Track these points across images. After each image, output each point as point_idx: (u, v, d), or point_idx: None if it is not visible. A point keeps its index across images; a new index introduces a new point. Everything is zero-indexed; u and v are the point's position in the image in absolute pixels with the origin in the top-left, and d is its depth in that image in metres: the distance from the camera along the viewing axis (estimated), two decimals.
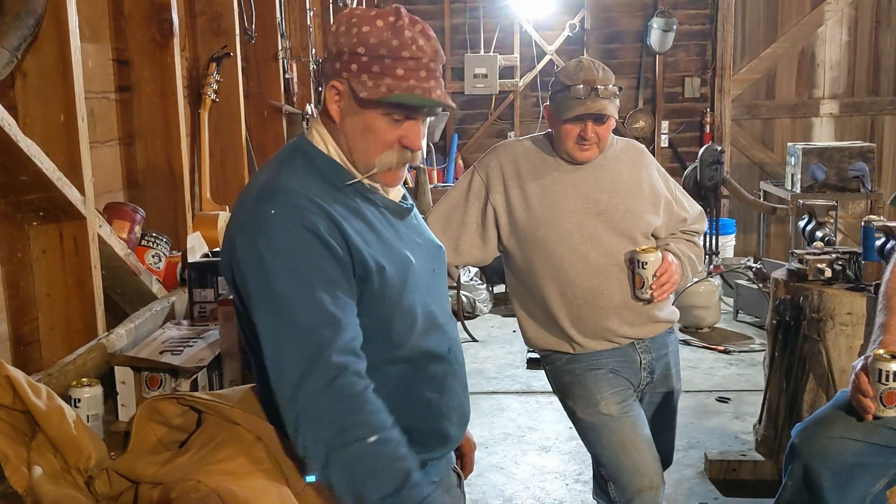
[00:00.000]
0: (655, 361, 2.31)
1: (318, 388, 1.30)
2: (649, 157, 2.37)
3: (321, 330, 1.32)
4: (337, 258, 1.36)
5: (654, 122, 7.34)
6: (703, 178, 6.09)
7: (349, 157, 1.47)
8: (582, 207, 2.17)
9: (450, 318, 1.61)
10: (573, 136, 2.14)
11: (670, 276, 2.17)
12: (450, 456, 1.60)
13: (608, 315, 2.17)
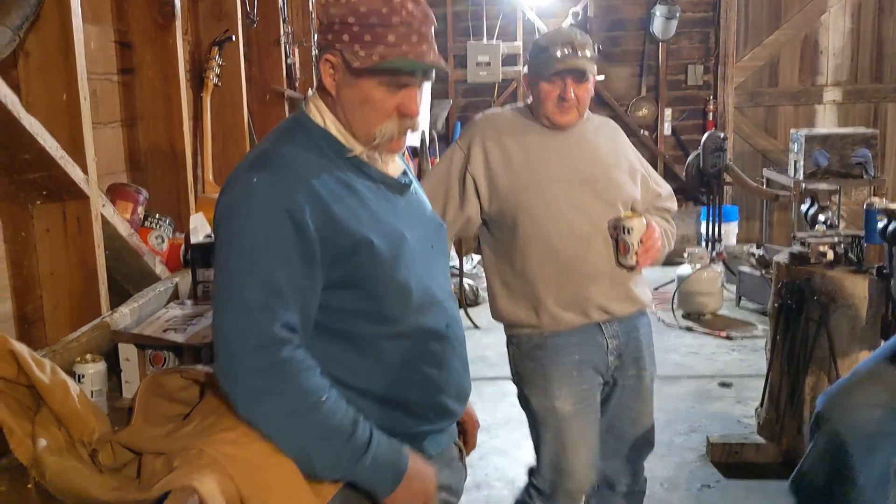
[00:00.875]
0: (624, 346, 2.28)
1: (259, 365, 1.32)
2: (623, 134, 2.39)
3: (269, 304, 1.33)
4: (304, 240, 1.36)
5: (657, 109, 7.33)
6: (706, 165, 6.09)
7: (348, 129, 1.47)
8: (566, 175, 2.17)
9: (449, 294, 1.61)
10: (553, 96, 2.13)
11: (654, 242, 2.17)
12: (451, 429, 1.60)
13: (588, 284, 2.17)
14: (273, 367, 1.32)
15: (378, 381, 1.46)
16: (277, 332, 1.33)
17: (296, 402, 1.34)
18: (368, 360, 1.46)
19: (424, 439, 1.52)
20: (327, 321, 1.43)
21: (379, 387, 1.46)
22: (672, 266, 6.64)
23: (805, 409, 3.28)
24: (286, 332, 1.34)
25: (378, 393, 1.45)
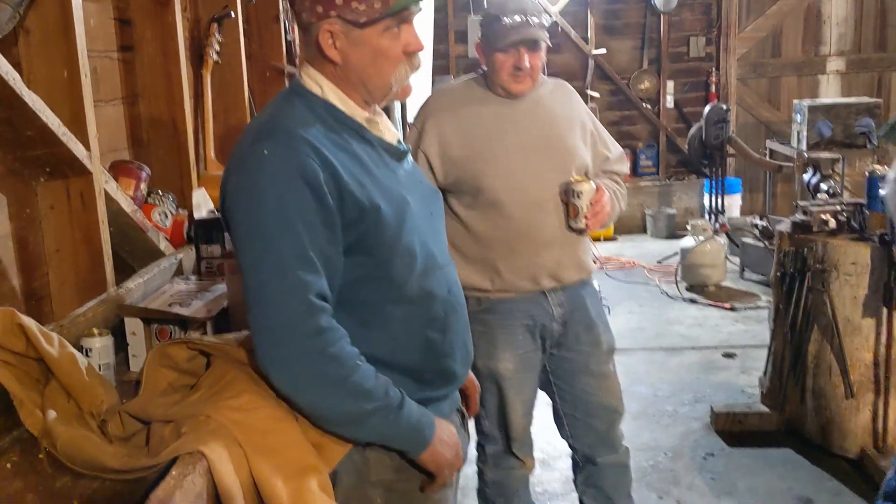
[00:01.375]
0: (569, 313, 2.31)
1: (308, 330, 1.33)
2: (577, 96, 2.40)
3: (301, 273, 1.34)
4: (324, 206, 1.37)
5: (659, 82, 7.29)
6: (709, 137, 6.07)
7: (365, 88, 1.48)
8: (521, 142, 2.19)
9: (449, 260, 1.63)
10: (507, 66, 2.14)
11: (603, 205, 2.20)
12: (454, 396, 1.62)
13: (541, 250, 2.20)
14: (319, 334, 1.33)
15: (384, 347, 1.48)
16: (315, 302, 1.34)
17: (339, 368, 1.35)
18: (375, 327, 1.47)
19: (429, 406, 1.53)
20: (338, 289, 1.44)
21: (385, 353, 1.47)
22: (675, 239, 6.65)
23: (808, 377, 3.30)
24: (322, 301, 1.36)
25: (385, 359, 1.46)
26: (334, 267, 1.40)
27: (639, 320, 5.18)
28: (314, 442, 1.39)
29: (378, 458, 1.49)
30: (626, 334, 4.92)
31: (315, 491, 1.30)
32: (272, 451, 1.31)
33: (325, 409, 1.38)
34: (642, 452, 3.45)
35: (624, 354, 4.62)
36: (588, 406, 2.40)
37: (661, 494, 3.12)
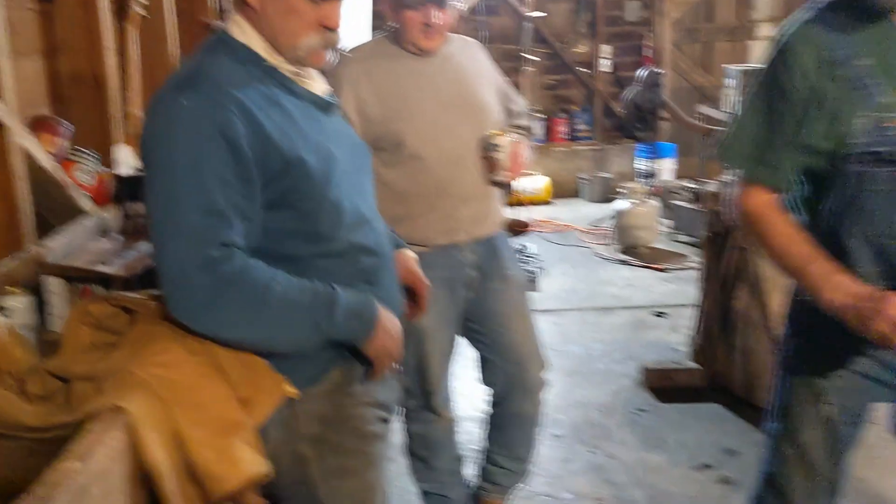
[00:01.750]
0: (483, 261, 2.34)
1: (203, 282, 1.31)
2: (484, 52, 2.41)
3: (208, 227, 1.32)
4: (242, 159, 1.35)
5: (594, 46, 7.33)
6: (643, 101, 6.15)
7: (273, 42, 1.45)
8: (436, 98, 2.20)
9: (376, 214, 1.62)
10: (417, 22, 2.14)
11: (522, 157, 2.25)
12: None
13: (460, 205, 2.22)
14: (218, 282, 1.32)
15: None
16: (217, 253, 1.32)
17: (249, 299, 1.34)
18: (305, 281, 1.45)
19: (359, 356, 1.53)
20: (263, 243, 1.42)
21: None
22: (610, 202, 6.75)
23: (736, 334, 3.40)
24: (226, 251, 1.34)
25: None
26: (251, 220, 1.38)
27: (573, 282, 5.25)
28: (243, 397, 1.37)
29: (307, 410, 1.48)
30: (560, 295, 4.99)
31: (241, 446, 1.29)
32: (197, 407, 1.29)
33: (257, 335, 1.37)
34: (575, 409, 3.52)
35: (558, 315, 4.69)
36: (501, 346, 2.42)
37: (593, 449, 3.19)
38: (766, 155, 1.60)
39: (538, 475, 3.01)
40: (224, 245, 1.33)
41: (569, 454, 3.17)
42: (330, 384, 1.51)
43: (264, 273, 1.37)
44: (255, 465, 1.30)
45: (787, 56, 1.55)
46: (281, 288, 1.37)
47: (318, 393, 1.49)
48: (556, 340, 4.33)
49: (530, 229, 6.49)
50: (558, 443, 3.26)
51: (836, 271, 1.53)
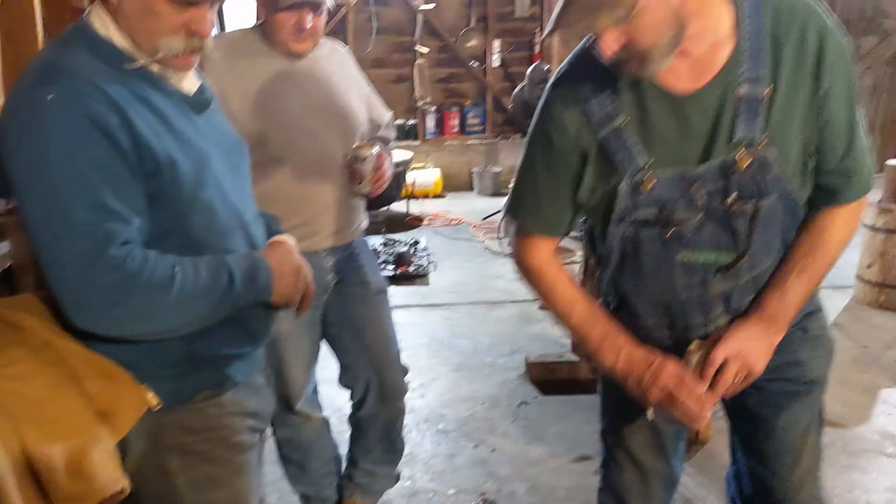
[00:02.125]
0: (342, 265, 2.34)
1: (105, 281, 1.26)
2: (353, 59, 2.41)
3: (103, 226, 1.26)
4: (121, 151, 1.29)
5: (485, 41, 7.40)
6: (532, 97, 6.25)
7: (133, 40, 1.38)
8: (302, 102, 2.17)
9: (254, 218, 1.58)
10: (289, 25, 2.10)
11: (386, 171, 2.26)
12: (257, 355, 1.59)
13: (322, 212, 2.21)
14: (123, 281, 1.27)
15: None
16: (118, 252, 1.27)
17: (155, 294, 1.31)
18: None
19: (231, 365, 1.50)
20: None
21: None
22: (501, 196, 6.85)
23: None
24: (126, 248, 1.29)
25: None
26: (144, 218, 1.33)
27: (463, 275, 5.31)
28: (102, 409, 1.32)
29: (173, 421, 1.44)
30: (450, 289, 5.04)
31: (98, 462, 1.24)
32: (49, 422, 1.23)
33: (162, 326, 1.35)
34: (461, 403, 3.57)
35: (448, 309, 4.73)
36: (359, 352, 2.42)
37: (478, 443, 3.24)
38: (543, 209, 1.59)
39: (423, 471, 3.04)
40: (124, 243, 1.28)
41: (454, 449, 3.21)
42: (198, 397, 1.47)
43: (165, 264, 1.33)
44: (111, 482, 1.26)
45: (553, 109, 1.52)
46: (182, 276, 1.34)
47: (184, 404, 1.45)
48: (445, 335, 4.37)
49: (422, 223, 6.53)
50: (444, 438, 3.29)
51: (617, 334, 1.56)
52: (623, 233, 1.53)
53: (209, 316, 1.39)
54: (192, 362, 1.43)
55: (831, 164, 1.49)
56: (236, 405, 1.51)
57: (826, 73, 1.41)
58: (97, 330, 1.29)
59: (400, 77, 7.43)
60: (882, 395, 3.61)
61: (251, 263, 1.45)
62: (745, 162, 1.43)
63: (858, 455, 3.12)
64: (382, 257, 5.41)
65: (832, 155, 1.48)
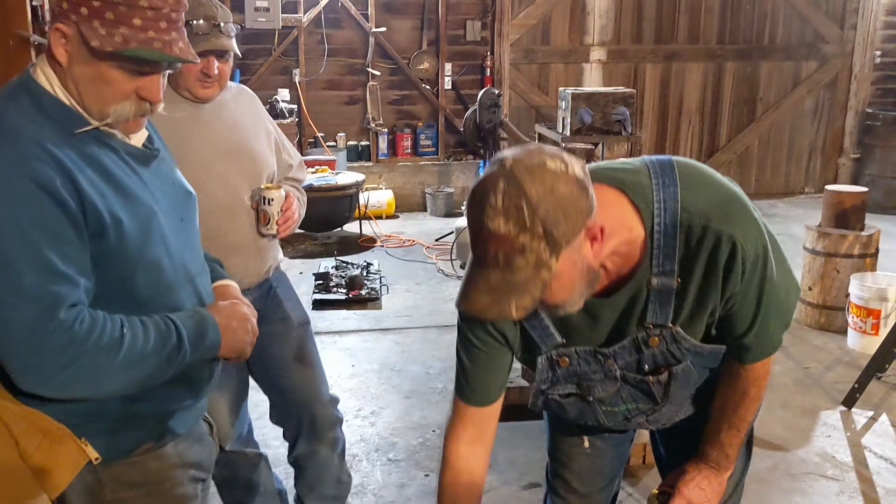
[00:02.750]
0: (260, 300, 2.33)
1: (56, 346, 1.25)
2: (260, 102, 2.42)
3: (51, 289, 1.26)
4: (68, 213, 1.28)
5: (437, 63, 7.46)
6: (482, 120, 6.31)
7: (80, 102, 1.37)
8: (209, 147, 2.17)
9: (202, 268, 1.58)
10: (195, 72, 2.11)
11: (293, 212, 2.28)
12: (199, 405, 1.58)
13: (230, 255, 2.18)
14: (71, 344, 1.27)
15: None
16: (66, 315, 1.27)
17: (103, 356, 1.31)
18: None
19: (172, 418, 1.49)
20: None
21: None
22: (454, 217, 6.89)
23: None
24: (74, 311, 1.28)
25: None
26: (90, 279, 1.33)
27: (415, 298, 5.32)
28: (37, 466, 1.31)
29: (113, 475, 1.43)
30: (402, 313, 5.04)
31: None
32: None
33: (111, 388, 1.35)
34: (412, 431, 3.57)
35: (399, 334, 4.73)
36: (285, 389, 2.41)
37: (429, 472, 3.25)
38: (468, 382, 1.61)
39: (373, 502, 3.04)
40: (72, 306, 1.28)
41: (405, 479, 3.21)
42: (138, 451, 1.46)
43: (114, 326, 1.33)
44: None
45: (468, 329, 1.59)
46: (130, 337, 1.33)
47: (124, 458, 1.44)
48: (396, 360, 4.37)
49: (375, 244, 6.53)
50: (394, 467, 3.29)
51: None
52: (547, 400, 1.67)
53: (157, 376, 1.39)
54: (131, 419, 1.42)
55: (734, 336, 1.54)
56: (177, 457, 1.50)
57: (732, 281, 1.42)
58: (45, 392, 1.29)
59: (352, 98, 7.44)
60: (822, 416, 3.71)
61: (199, 321, 1.44)
62: (656, 340, 1.50)
63: (800, 478, 3.20)
64: (335, 280, 5.39)
65: (734, 331, 1.52)
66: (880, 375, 3.90)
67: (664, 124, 7.93)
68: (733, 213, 1.40)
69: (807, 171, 8.32)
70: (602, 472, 1.90)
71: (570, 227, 1.23)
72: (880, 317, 4.29)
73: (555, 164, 1.24)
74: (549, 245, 1.23)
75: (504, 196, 1.21)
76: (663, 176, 1.41)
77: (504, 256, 1.24)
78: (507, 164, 1.23)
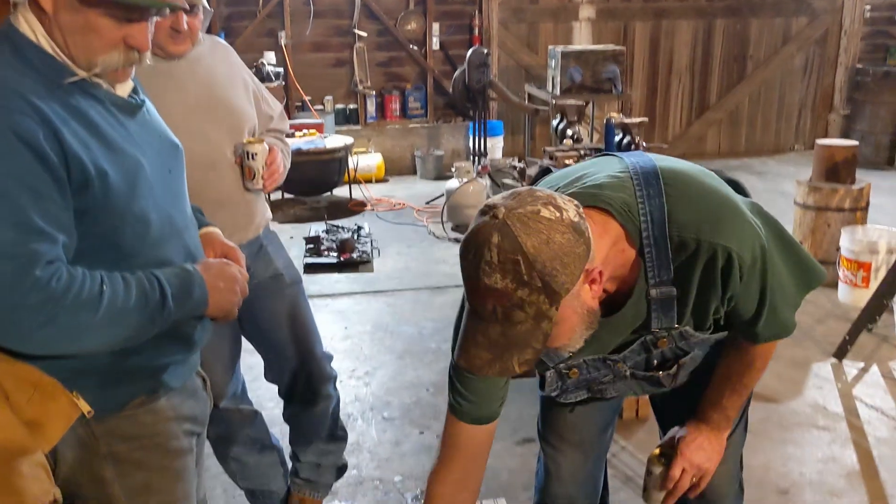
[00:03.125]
0: (249, 258, 2.24)
1: (33, 304, 1.23)
2: (235, 54, 2.37)
3: (29, 246, 1.23)
4: (49, 167, 1.25)
5: (425, 24, 7.37)
6: (471, 80, 6.25)
7: (66, 53, 1.34)
8: (185, 103, 2.13)
9: (190, 221, 1.56)
10: (165, 27, 2.05)
11: (278, 165, 2.25)
12: (192, 360, 1.57)
13: (217, 210, 2.12)
14: (49, 301, 1.25)
15: None
16: (43, 273, 1.24)
17: (83, 313, 1.28)
18: None
19: (164, 372, 1.48)
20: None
21: None
22: (444, 180, 6.86)
23: None
24: (51, 268, 1.25)
25: None
26: (72, 236, 1.30)
27: (406, 261, 5.31)
28: (29, 419, 1.29)
29: (106, 429, 1.41)
30: (393, 275, 5.04)
31: (27, 473, 1.21)
32: None
33: (92, 345, 1.33)
34: (406, 390, 3.58)
35: (392, 296, 4.73)
36: (279, 345, 2.40)
37: (423, 429, 3.26)
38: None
39: (369, 460, 3.05)
40: (49, 263, 1.25)
41: (399, 436, 3.22)
42: (131, 404, 1.45)
43: (93, 282, 1.30)
44: (42, 494, 1.23)
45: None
46: (110, 294, 1.31)
47: (117, 412, 1.43)
48: (389, 321, 4.37)
49: (365, 208, 6.50)
50: (389, 425, 3.30)
51: None
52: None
53: (142, 333, 1.37)
54: (123, 372, 1.41)
55: (742, 324, 1.53)
56: (171, 410, 1.49)
57: (731, 286, 1.41)
58: (25, 350, 1.27)
59: (339, 61, 7.35)
60: (814, 368, 3.74)
61: (185, 278, 1.43)
62: (665, 342, 1.51)
63: (792, 429, 3.23)
64: (326, 244, 5.37)
65: (742, 321, 1.52)
66: (871, 327, 3.93)
67: (654, 83, 7.88)
68: (724, 221, 1.37)
69: (797, 128, 8.30)
70: (595, 420, 1.90)
71: (568, 276, 1.21)
72: (871, 270, 4.31)
73: (549, 211, 1.20)
74: (549, 296, 1.20)
75: (499, 251, 1.18)
76: (648, 187, 1.38)
77: (503, 311, 1.21)
78: (499, 215, 1.20)
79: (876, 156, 7.59)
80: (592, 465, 1.96)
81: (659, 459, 1.71)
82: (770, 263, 1.42)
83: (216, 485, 2.87)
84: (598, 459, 1.99)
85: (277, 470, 2.57)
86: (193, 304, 1.43)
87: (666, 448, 1.72)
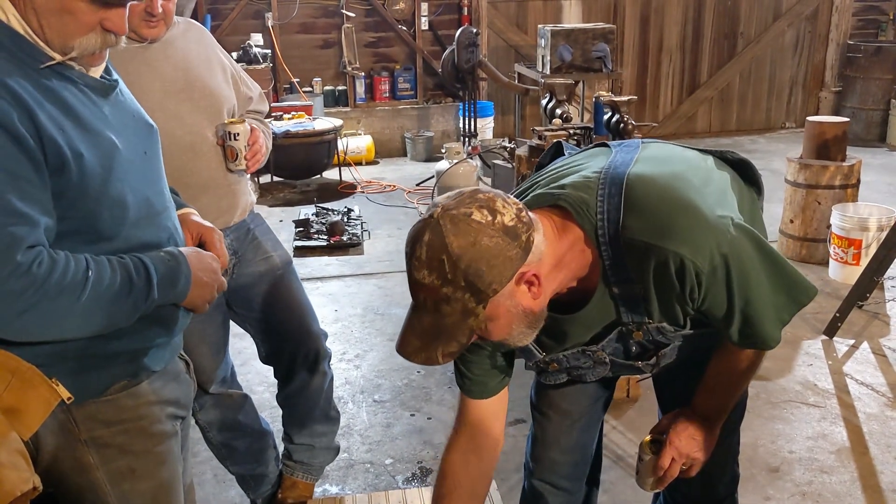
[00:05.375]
0: (237, 242, 2.30)
1: (14, 290, 1.21)
2: (211, 36, 2.34)
3: (8, 230, 1.21)
4: (26, 149, 1.23)
5: (413, 3, 7.30)
6: (461, 60, 6.21)
7: (41, 35, 1.30)
8: (160, 86, 2.11)
9: (168, 203, 1.53)
10: (138, 10, 2.02)
11: (261, 146, 2.23)
12: (175, 342, 1.55)
13: (199, 195, 2.13)
14: (31, 286, 1.22)
15: None
16: (24, 258, 1.22)
17: (65, 298, 1.26)
18: None
19: (145, 355, 1.46)
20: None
21: None
22: (434, 161, 6.82)
23: None
24: (32, 252, 1.23)
25: None
26: (53, 218, 1.28)
27: (397, 243, 5.29)
28: (7, 406, 1.27)
29: (87, 414, 1.40)
30: (384, 257, 5.02)
31: (5, 461, 1.20)
32: None
33: (75, 331, 1.31)
34: (397, 373, 3.57)
35: (382, 278, 4.72)
36: (272, 327, 2.39)
37: (414, 412, 3.26)
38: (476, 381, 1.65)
39: (360, 442, 3.05)
40: (30, 247, 1.23)
41: (390, 419, 3.22)
42: (112, 389, 1.43)
43: (77, 267, 1.28)
44: (21, 482, 1.22)
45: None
46: (95, 279, 1.29)
47: (98, 396, 1.41)
48: (380, 304, 4.36)
49: (355, 191, 6.47)
50: (380, 408, 3.30)
51: None
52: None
53: (123, 318, 1.35)
54: (103, 357, 1.39)
55: (718, 325, 1.51)
56: (153, 394, 1.47)
57: (690, 291, 1.39)
58: (6, 336, 1.25)
59: (327, 42, 7.29)
60: (804, 346, 3.74)
61: (173, 268, 1.41)
62: (640, 335, 1.52)
63: (782, 406, 3.24)
64: (315, 227, 5.34)
65: (716, 322, 1.50)
66: (861, 304, 3.93)
67: (644, 61, 7.84)
68: (676, 228, 1.36)
69: (788, 105, 8.28)
70: (586, 391, 1.89)
71: (495, 276, 1.25)
72: (861, 247, 4.31)
73: (482, 214, 1.25)
74: (474, 295, 1.26)
75: (428, 248, 1.25)
76: (611, 186, 1.40)
77: (433, 303, 1.28)
78: (435, 214, 1.26)
79: (867, 133, 7.58)
80: (580, 434, 1.95)
81: (650, 447, 1.71)
82: (738, 273, 1.40)
83: (206, 469, 2.86)
84: (589, 429, 1.97)
85: (268, 454, 2.56)
86: (174, 294, 1.42)
87: (658, 435, 1.72)
